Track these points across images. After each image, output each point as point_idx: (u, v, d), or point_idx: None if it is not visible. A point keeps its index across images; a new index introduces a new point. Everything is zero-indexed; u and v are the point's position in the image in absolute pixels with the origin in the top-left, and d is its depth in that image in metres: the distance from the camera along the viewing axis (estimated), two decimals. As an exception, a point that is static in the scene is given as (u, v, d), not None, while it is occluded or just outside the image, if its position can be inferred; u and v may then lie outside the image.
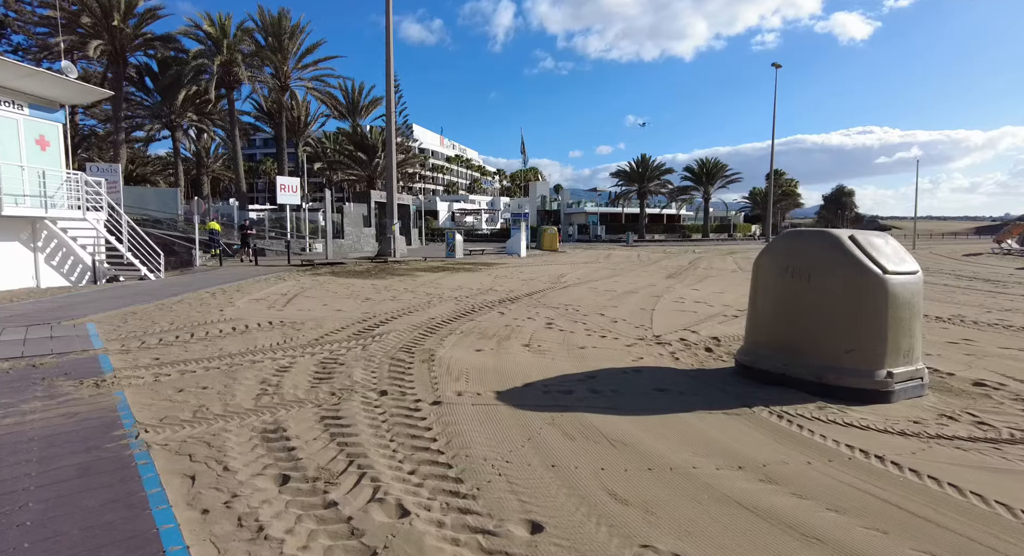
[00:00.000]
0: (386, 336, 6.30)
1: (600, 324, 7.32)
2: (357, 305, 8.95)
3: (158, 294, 10.16)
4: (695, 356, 5.55)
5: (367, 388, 4.26)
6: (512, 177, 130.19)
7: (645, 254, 27.65)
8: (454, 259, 22.72)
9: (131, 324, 7.13)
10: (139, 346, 5.83)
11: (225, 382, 4.43)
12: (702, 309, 8.83)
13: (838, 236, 4.39)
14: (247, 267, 16.88)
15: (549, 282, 13.08)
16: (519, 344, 5.97)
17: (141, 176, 47.65)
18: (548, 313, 8.23)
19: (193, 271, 15.39)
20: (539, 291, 11.16)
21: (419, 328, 6.85)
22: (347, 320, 7.47)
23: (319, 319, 7.55)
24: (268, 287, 11.43)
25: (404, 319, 7.55)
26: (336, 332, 6.63)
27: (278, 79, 29.82)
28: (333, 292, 10.69)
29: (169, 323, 7.19)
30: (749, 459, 2.99)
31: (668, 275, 15.70)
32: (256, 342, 6.04)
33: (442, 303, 9.21)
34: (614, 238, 53.86)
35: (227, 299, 9.58)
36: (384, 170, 36.69)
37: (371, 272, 15.18)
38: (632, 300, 9.90)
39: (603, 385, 4.34)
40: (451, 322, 7.36)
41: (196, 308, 8.54)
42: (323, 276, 13.97)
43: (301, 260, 18.50)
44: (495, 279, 13.70)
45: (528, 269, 17.18)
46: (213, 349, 5.68)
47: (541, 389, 4.22)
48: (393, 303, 9.19)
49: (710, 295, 10.80)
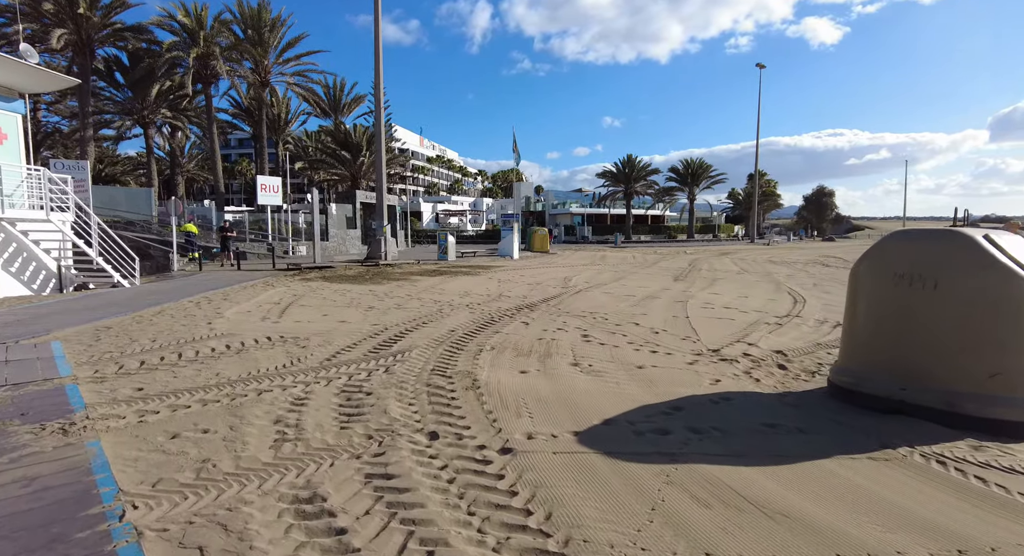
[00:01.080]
0: (409, 355, 5.46)
1: (641, 336, 6.58)
2: (362, 315, 8.06)
3: (134, 304, 9.11)
4: (772, 375, 4.84)
5: (411, 428, 3.43)
6: (493, 178, 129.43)
7: (639, 255, 27.13)
8: (447, 262, 21.87)
9: (105, 342, 6.14)
10: (117, 371, 4.88)
11: (230, 422, 3.55)
12: (738, 316, 8.16)
13: (972, 236, 3.71)
14: (229, 272, 15.75)
15: (558, 286, 12.32)
16: (566, 363, 5.19)
17: (110, 176, 45.49)
18: (576, 323, 7.46)
19: (171, 277, 14.23)
20: (553, 297, 10.39)
21: (442, 343, 6.02)
22: (356, 334, 6.59)
23: (324, 333, 6.65)
24: (257, 295, 10.43)
25: (421, 332, 6.70)
26: (349, 350, 5.75)
27: (258, 74, 28.39)
28: (331, 300, 9.76)
29: (151, 340, 6.22)
30: (959, 536, 2.25)
31: (675, 278, 15.09)
32: (258, 364, 5.14)
33: (455, 312, 8.38)
34: (600, 239, 53.52)
35: (214, 309, 8.59)
36: (370, 169, 35.51)
37: (365, 277, 14.23)
38: (657, 306, 9.19)
39: (699, 420, 3.58)
40: (475, 335, 6.54)
41: (180, 321, 7.54)
42: (314, 281, 12.99)
43: (287, 264, 17.41)
44: (500, 284, 12.89)
45: (528, 272, 16.41)
46: (208, 374, 4.77)
47: (628, 428, 3.44)
48: (401, 312, 8.32)
49: (734, 300, 10.17)
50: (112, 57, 27.96)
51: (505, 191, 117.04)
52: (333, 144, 32.79)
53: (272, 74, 29.18)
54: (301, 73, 30.07)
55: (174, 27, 26.82)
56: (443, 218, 63.74)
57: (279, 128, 35.33)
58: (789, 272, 17.23)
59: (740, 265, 20.34)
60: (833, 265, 20.73)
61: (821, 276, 15.77)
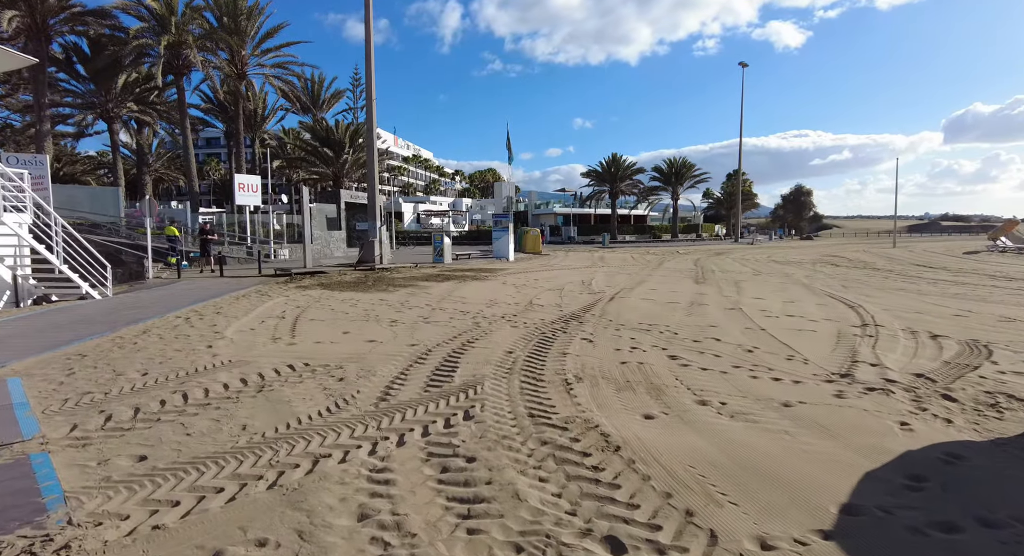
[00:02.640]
0: (481, 390, 4.31)
1: (737, 355, 5.57)
2: (389, 332, 6.85)
3: (111, 321, 7.68)
4: (949, 411, 3.86)
5: (571, 530, 2.31)
6: (471, 178, 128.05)
7: (636, 256, 26.33)
8: (445, 265, 20.70)
9: (81, 377, 4.81)
10: (103, 426, 3.61)
11: (295, 523, 2.37)
12: (814, 327, 7.23)
13: None
14: (211, 279, 14.22)
15: (584, 292, 11.26)
16: (689, 400, 4.12)
17: (69, 176, 42.54)
18: (647, 339, 6.42)
19: (147, 286, 12.66)
20: (590, 305, 9.33)
21: (511, 371, 4.89)
22: (397, 358, 5.40)
23: (356, 358, 5.44)
24: (254, 307, 9.08)
25: (472, 354, 5.55)
26: (400, 383, 4.57)
27: (234, 65, 26.41)
28: (342, 312, 8.50)
29: (141, 374, 4.91)
30: None
31: (695, 281, 14.21)
32: (293, 409, 3.92)
33: (495, 326, 7.24)
34: (586, 239, 52.78)
35: (209, 327, 7.25)
36: (353, 168, 33.94)
37: (367, 284, 12.92)
38: (716, 316, 8.22)
39: (966, 501, 2.55)
40: (540, 358, 5.42)
41: (173, 344, 6.21)
42: (313, 290, 11.64)
43: (274, 269, 15.92)
44: (519, 290, 11.77)
45: (536, 275, 15.32)
46: (231, 428, 3.54)
47: (893, 523, 2.38)
48: (433, 328, 7.14)
49: (786, 306, 9.29)
50: (71, 44, 25.75)
51: (483, 191, 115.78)
52: (314, 141, 30.98)
53: (249, 66, 27.27)
54: (281, 65, 28.26)
55: (141, 13, 24.76)
56: (424, 219, 62.17)
57: (255, 124, 33.27)
58: (805, 273, 16.56)
59: (747, 266, 19.65)
60: (843, 265, 20.23)
61: (843, 277, 15.12)
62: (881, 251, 30.66)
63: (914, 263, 20.64)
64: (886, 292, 11.58)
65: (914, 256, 25.41)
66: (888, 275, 15.73)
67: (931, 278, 14.77)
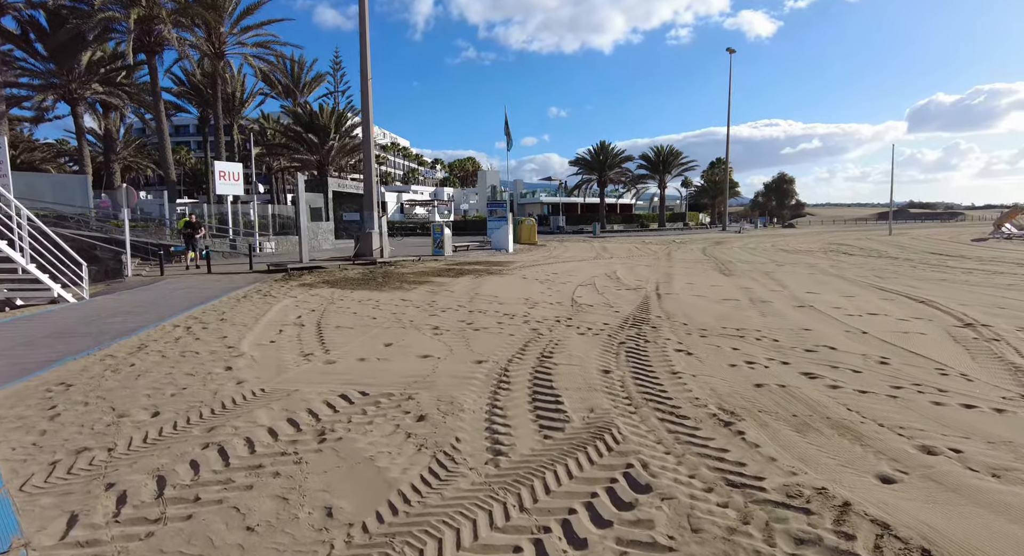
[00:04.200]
0: (619, 435, 3.27)
1: (879, 371, 4.63)
2: (438, 343, 5.74)
3: (95, 333, 6.39)
4: None
5: None
6: (450, 167, 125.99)
7: (639, 246, 25.51)
8: (447, 257, 19.56)
9: (71, 423, 3.60)
10: (119, 519, 2.45)
11: None
12: (909, 327, 6.37)
13: None
14: (199, 276, 12.81)
15: (623, 288, 10.27)
16: (910, 447, 3.14)
17: (27, 164, 39.61)
18: (750, 349, 5.45)
19: (127, 285, 11.22)
20: (643, 304, 8.35)
21: (632, 400, 3.85)
22: (470, 380, 4.32)
23: (419, 380, 4.34)
24: (263, 312, 7.84)
25: (562, 375, 4.49)
26: (501, 422, 3.49)
27: (212, 43, 24.36)
28: (368, 317, 7.33)
29: (151, 414, 3.72)
30: None
31: (721, 273, 13.37)
32: (382, 474, 2.82)
33: (557, 332, 6.19)
34: (575, 229, 51.93)
35: (218, 338, 6.03)
36: (339, 154, 32.20)
37: (375, 280, 11.71)
38: (794, 316, 7.30)
39: None
40: (650, 378, 4.40)
41: (179, 363, 5.00)
42: (320, 288, 10.40)
43: (267, 265, 14.54)
44: (549, 286, 10.73)
45: (553, 268, 14.28)
46: (312, 518, 2.43)
47: None
48: (488, 336, 6.06)
49: (851, 302, 8.45)
50: (28, 18, 23.39)
51: (462, 180, 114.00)
52: (297, 126, 29.11)
53: (227, 45, 25.23)
54: (263, 44, 26.12)
55: (105, -16, 22.54)
56: (408, 208, 60.47)
57: (233, 109, 31.11)
58: (828, 263, 15.88)
59: (760, 256, 18.96)
60: (856, 254, 19.68)
61: (871, 267, 14.48)
62: (882, 239, 30.44)
63: (928, 251, 20.23)
64: (930, 283, 10.91)
65: (920, 243, 25.13)
66: (915, 265, 15.15)
67: (962, 267, 14.22)
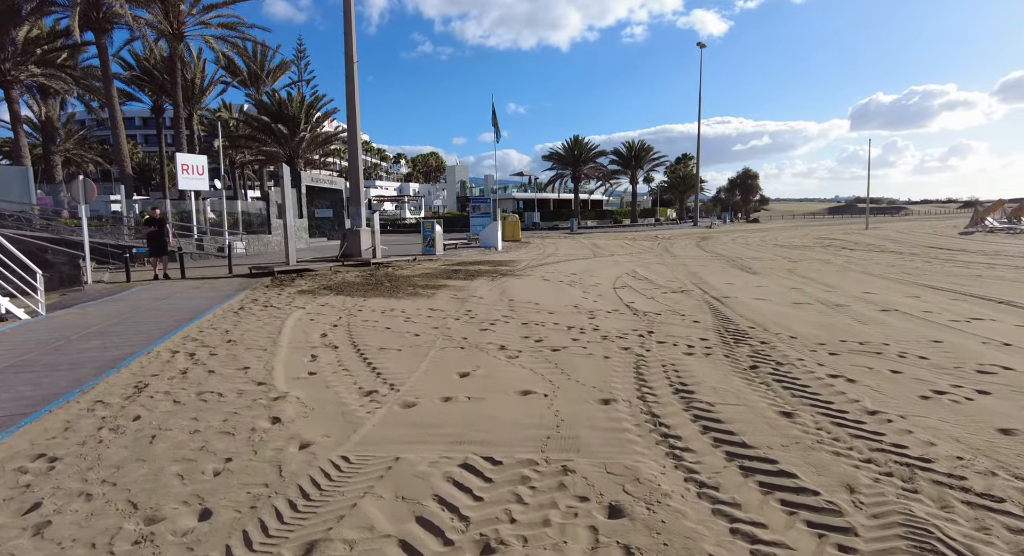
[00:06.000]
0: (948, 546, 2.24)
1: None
2: (520, 370, 4.60)
3: (66, 362, 4.90)
4: None
5: None
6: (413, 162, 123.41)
7: (626, 242, 24.83)
8: (439, 256, 18.35)
9: (67, 538, 2.29)
10: None
11: None
12: None
13: None
14: (172, 283, 11.10)
15: (667, 291, 9.33)
16: None
17: (-50, 156, 35.74)
18: (912, 370, 4.55)
19: (88, 295, 9.47)
20: (715, 312, 7.42)
21: (891, 473, 2.85)
22: (620, 432, 3.22)
23: (548, 432, 3.20)
24: (278, 330, 6.45)
25: (741, 423, 3.45)
26: (744, 517, 2.41)
27: (170, 23, 21.91)
28: (410, 334, 6.08)
29: (194, 511, 2.44)
30: None
31: (744, 270, 12.68)
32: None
33: (659, 353, 5.15)
34: (550, 225, 51.20)
35: (238, 369, 4.68)
36: (310, 146, 30.12)
37: (383, 285, 10.36)
38: (895, 324, 6.51)
39: None
40: (863, 429, 3.41)
41: (199, 409, 3.67)
42: (324, 296, 9.01)
43: (249, 268, 12.89)
44: (581, 289, 9.68)
45: (562, 268, 13.25)
46: None
47: None
48: (578, 359, 4.95)
49: (921, 304, 7.78)
50: (-50, -10, 20.50)
51: (425, 176, 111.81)
52: (265, 116, 26.89)
53: (187, 25, 22.83)
54: (229, 26, 23.68)
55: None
56: (376, 205, 58.26)
57: (192, 97, 28.45)
58: (842, 260, 15.44)
59: (762, 252, 18.50)
60: (857, 248, 19.49)
61: (889, 263, 14.11)
62: (864, 233, 30.80)
63: (924, 246, 20.27)
64: (966, 279, 10.52)
65: (907, 237, 25.38)
66: (928, 260, 14.89)
67: (975, 262, 14.01)
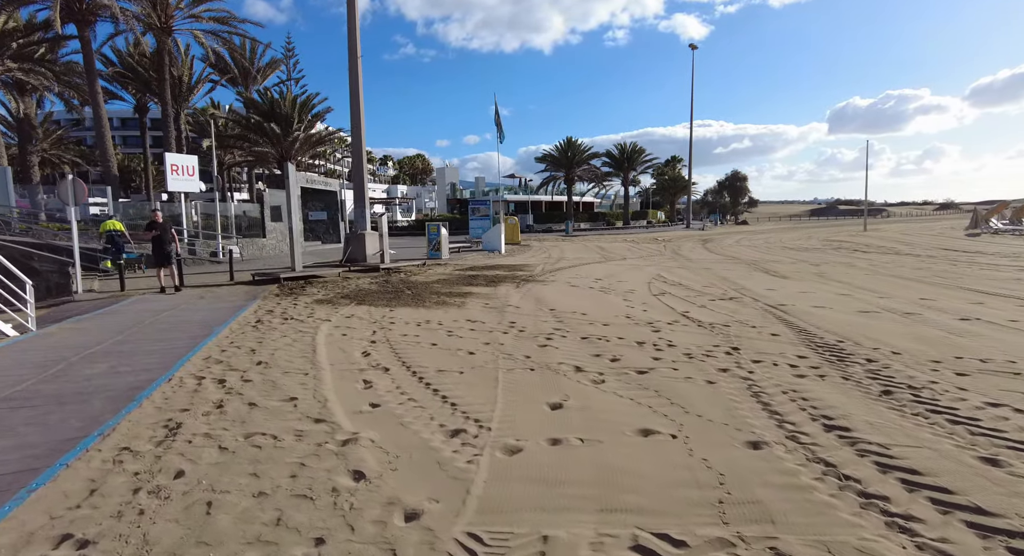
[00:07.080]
0: None
1: None
2: (613, 397, 3.88)
3: (71, 392, 4.04)
4: None
5: None
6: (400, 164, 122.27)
7: (625, 245, 24.30)
8: (447, 260, 17.55)
9: None
10: None
11: None
12: None
13: None
14: (169, 292, 10.17)
15: (711, 297, 8.68)
16: None
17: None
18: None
19: (81, 307, 8.52)
20: (787, 323, 6.79)
21: None
22: (809, 487, 2.50)
23: (713, 497, 2.48)
24: (312, 348, 5.63)
25: (948, 474, 2.77)
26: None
27: (157, 16, 20.74)
28: (463, 351, 5.32)
29: None
30: None
31: (767, 273, 12.12)
32: None
33: (764, 375, 4.47)
34: (544, 228, 50.61)
35: (283, 400, 3.87)
36: (303, 146, 29.07)
37: (403, 293, 9.55)
38: (994, 335, 5.93)
39: None
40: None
41: (255, 460, 2.87)
42: (344, 306, 8.19)
43: (252, 274, 11.97)
44: (621, 297, 9.00)
45: (579, 272, 12.57)
46: None
47: None
48: (676, 384, 4.25)
49: (989, 312, 7.24)
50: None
51: (412, 178, 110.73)
52: (256, 115, 25.79)
53: (175, 19, 21.67)
54: (221, 20, 22.53)
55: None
56: (367, 207, 57.15)
57: (180, 95, 27.21)
58: (867, 263, 14.99)
59: (770, 254, 18.05)
60: (870, 251, 19.12)
61: (912, 266, 13.72)
62: (865, 234, 30.66)
63: (938, 247, 20.00)
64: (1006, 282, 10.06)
65: (916, 239, 25.22)
66: (953, 262, 14.53)
67: (997, 264, 13.73)
